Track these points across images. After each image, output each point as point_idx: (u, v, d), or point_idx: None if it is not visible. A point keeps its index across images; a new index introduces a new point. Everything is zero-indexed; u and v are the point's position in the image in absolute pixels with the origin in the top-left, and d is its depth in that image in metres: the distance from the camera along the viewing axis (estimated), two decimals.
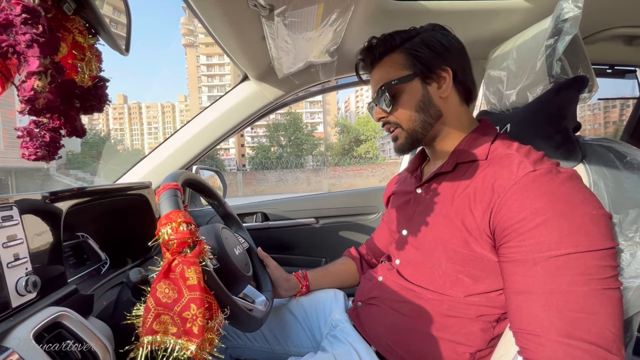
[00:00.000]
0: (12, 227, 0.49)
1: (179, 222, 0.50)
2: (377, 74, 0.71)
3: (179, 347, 0.46)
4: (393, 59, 0.69)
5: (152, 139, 79.56)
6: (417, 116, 0.68)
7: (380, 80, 0.70)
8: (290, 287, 0.87)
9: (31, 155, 0.32)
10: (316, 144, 37.47)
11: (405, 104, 0.68)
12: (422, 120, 0.68)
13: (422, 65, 0.67)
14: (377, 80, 0.71)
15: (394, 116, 0.70)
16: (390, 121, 0.71)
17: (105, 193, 0.79)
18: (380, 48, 0.70)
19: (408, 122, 0.69)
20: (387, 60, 0.70)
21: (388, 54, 0.70)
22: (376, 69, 0.72)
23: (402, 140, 0.71)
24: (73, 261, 0.80)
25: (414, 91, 0.67)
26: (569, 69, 0.66)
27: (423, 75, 0.67)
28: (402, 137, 0.71)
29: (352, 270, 0.96)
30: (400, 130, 0.70)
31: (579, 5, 0.62)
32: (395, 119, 0.70)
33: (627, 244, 0.52)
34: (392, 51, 0.69)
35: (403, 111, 0.69)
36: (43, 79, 0.28)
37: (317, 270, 0.95)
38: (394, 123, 0.71)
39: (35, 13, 0.27)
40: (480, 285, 0.59)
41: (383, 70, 0.70)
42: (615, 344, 0.44)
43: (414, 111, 0.68)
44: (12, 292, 0.46)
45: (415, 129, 0.69)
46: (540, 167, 0.53)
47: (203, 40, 52.97)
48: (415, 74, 0.67)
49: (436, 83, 0.67)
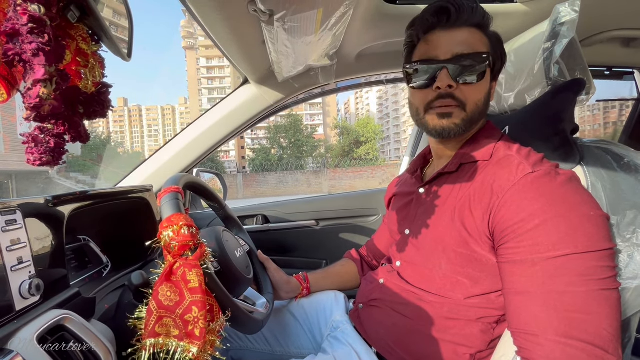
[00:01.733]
0: (16, 231, 0.49)
1: (180, 225, 0.51)
2: (465, 35, 0.61)
3: (181, 349, 0.47)
4: (480, 36, 0.62)
5: (153, 142, 79.68)
6: (482, 104, 0.63)
7: (471, 46, 0.60)
8: (291, 289, 0.87)
9: (36, 160, 0.32)
10: (316, 145, 37.52)
11: (481, 87, 0.62)
12: (482, 111, 0.64)
13: (499, 59, 0.64)
14: (464, 41, 0.61)
15: (462, 92, 0.61)
16: (455, 95, 0.61)
17: (106, 196, 0.80)
18: (479, 15, 0.61)
19: (474, 106, 0.62)
20: (477, 32, 0.62)
21: (479, 27, 0.62)
22: (464, 29, 0.61)
23: (457, 120, 0.62)
24: (75, 264, 0.81)
25: (488, 78, 0.63)
26: (567, 71, 0.67)
27: (495, 70, 0.65)
28: (459, 117, 0.62)
29: (352, 272, 0.97)
30: (460, 110, 0.62)
31: (575, 9, 0.63)
32: (463, 97, 0.61)
33: (625, 246, 0.53)
34: (482, 27, 0.62)
35: (477, 92, 0.61)
36: (48, 87, 0.29)
37: (318, 272, 0.95)
38: (459, 100, 0.61)
39: (42, 22, 0.27)
40: (479, 287, 0.60)
41: (474, 37, 0.61)
42: (612, 344, 0.44)
43: (483, 98, 0.63)
44: (16, 295, 0.47)
45: (474, 116, 0.62)
46: (539, 169, 0.53)
47: (203, 42, 53.15)
48: (493, 64, 0.63)
49: (494, 83, 0.67)
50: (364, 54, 1.09)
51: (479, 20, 0.61)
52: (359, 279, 0.96)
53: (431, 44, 0.63)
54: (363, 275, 0.94)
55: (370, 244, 1.01)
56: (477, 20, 0.61)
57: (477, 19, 0.61)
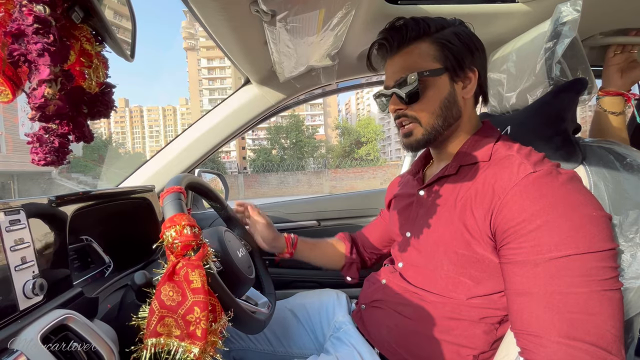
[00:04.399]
0: (20, 231, 0.50)
1: (183, 225, 0.51)
2: (401, 60, 0.64)
3: (182, 349, 0.47)
4: (423, 48, 0.63)
5: (154, 142, 79.85)
6: (439, 114, 0.64)
7: (406, 68, 0.63)
8: (275, 246, 0.89)
9: (41, 160, 0.32)
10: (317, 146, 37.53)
11: (429, 100, 0.63)
12: (444, 119, 0.64)
13: (454, 61, 0.62)
14: (400, 67, 0.64)
15: (413, 110, 0.64)
16: (407, 115, 0.65)
17: (109, 197, 0.80)
18: (412, 32, 0.62)
19: (429, 119, 0.64)
20: (417, 47, 0.63)
21: (418, 40, 0.63)
22: (401, 54, 0.65)
23: (417, 136, 0.65)
24: (77, 264, 0.81)
25: (441, 87, 0.63)
26: (569, 71, 0.67)
27: (453, 71, 0.63)
28: (417, 133, 0.65)
29: (339, 254, 0.96)
30: (416, 126, 0.65)
31: (577, 8, 0.63)
32: (414, 114, 0.64)
33: (628, 245, 0.53)
34: (423, 38, 0.63)
35: (426, 106, 0.63)
36: (53, 87, 0.29)
37: (308, 241, 0.95)
38: (412, 117, 0.65)
39: (47, 23, 0.27)
40: (481, 288, 0.60)
41: (410, 57, 0.63)
42: (615, 345, 0.44)
43: (438, 108, 0.63)
44: (20, 295, 0.47)
45: (434, 127, 0.64)
46: (541, 169, 0.53)
47: (204, 43, 53.29)
48: (446, 69, 0.62)
49: (462, 82, 0.64)
50: (365, 54, 1.09)
51: (415, 34, 0.63)
52: (344, 261, 0.95)
53: (385, 75, 0.69)
54: (350, 258, 0.94)
55: (360, 235, 1.01)
56: (414, 35, 0.63)
57: (412, 34, 0.63)
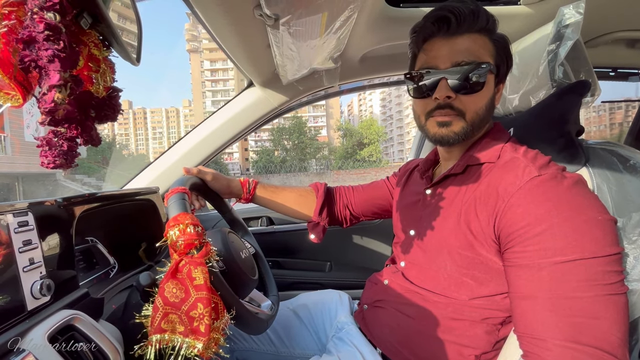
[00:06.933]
0: (28, 233, 0.50)
1: (186, 224, 0.52)
2: (466, 43, 0.60)
3: (186, 345, 0.47)
4: (486, 41, 0.60)
5: (157, 144, 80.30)
6: (483, 113, 0.62)
7: (471, 54, 0.59)
8: (230, 192, 0.89)
9: (50, 163, 0.33)
10: (319, 147, 37.57)
11: (482, 95, 0.61)
12: (484, 118, 0.63)
13: (504, 64, 0.62)
14: (466, 49, 0.59)
15: (462, 102, 0.61)
16: (453, 105, 0.61)
17: (114, 198, 0.81)
18: (482, 21, 0.59)
19: (473, 116, 0.61)
20: (481, 37, 0.60)
21: (483, 32, 0.60)
22: (465, 37, 0.60)
23: (456, 129, 0.62)
24: (83, 265, 0.82)
25: (490, 86, 0.62)
26: (571, 73, 0.67)
27: (500, 75, 0.63)
28: (458, 126, 0.62)
29: (306, 207, 0.93)
30: (459, 119, 0.61)
31: (580, 11, 0.63)
32: (463, 106, 0.61)
33: (631, 248, 0.53)
34: (488, 32, 0.61)
35: (477, 101, 0.61)
36: (63, 92, 0.29)
37: (269, 188, 0.93)
38: (457, 110, 0.61)
39: (57, 30, 0.28)
40: (484, 289, 0.60)
41: (475, 45, 0.60)
42: (620, 349, 0.44)
43: (484, 106, 0.62)
44: (28, 296, 0.48)
45: (475, 123, 0.62)
46: (546, 172, 0.53)
47: (207, 45, 53.57)
48: (498, 70, 0.62)
49: (497, 89, 0.65)
50: (367, 57, 1.09)
51: (482, 25, 0.59)
52: (311, 215, 0.92)
53: (431, 53, 0.62)
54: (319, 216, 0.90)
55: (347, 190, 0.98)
56: (480, 26, 0.59)
57: (480, 24, 0.59)
